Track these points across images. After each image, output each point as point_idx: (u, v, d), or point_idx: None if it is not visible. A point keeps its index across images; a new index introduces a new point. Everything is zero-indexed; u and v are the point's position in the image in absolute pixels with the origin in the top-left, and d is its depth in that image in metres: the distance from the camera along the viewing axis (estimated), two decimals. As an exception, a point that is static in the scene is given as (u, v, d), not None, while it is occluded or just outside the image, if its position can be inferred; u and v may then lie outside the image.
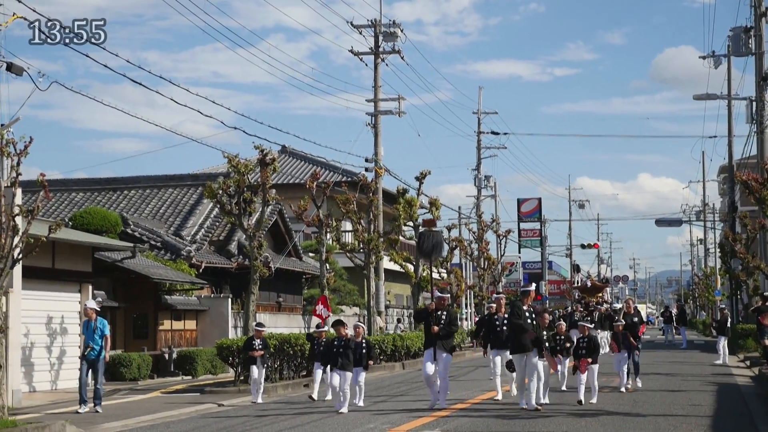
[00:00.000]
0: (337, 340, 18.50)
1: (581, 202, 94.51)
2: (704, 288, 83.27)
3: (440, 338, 18.07)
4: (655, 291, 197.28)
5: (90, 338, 19.62)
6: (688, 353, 39.85)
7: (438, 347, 18.08)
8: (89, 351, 19.51)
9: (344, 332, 18.55)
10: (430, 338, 18.24)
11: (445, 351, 18.16)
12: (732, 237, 41.98)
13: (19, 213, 17.39)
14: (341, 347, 18.31)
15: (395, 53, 40.32)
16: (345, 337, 18.46)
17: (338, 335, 18.60)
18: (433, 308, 18.42)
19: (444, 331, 18.12)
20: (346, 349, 18.25)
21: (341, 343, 18.38)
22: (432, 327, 18.11)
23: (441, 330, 18.05)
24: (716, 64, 44.88)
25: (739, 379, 25.61)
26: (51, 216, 34.58)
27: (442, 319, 18.20)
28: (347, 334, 18.59)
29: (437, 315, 18.26)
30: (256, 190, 27.27)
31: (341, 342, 18.40)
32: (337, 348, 18.36)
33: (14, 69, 19.34)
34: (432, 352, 18.12)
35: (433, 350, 18.11)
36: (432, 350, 18.13)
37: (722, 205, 72.89)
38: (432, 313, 18.38)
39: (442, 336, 18.10)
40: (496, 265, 57.53)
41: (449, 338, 18.33)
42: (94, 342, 19.49)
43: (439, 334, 18.07)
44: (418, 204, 39.45)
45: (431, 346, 18.19)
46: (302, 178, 50.22)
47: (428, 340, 18.37)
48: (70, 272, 26.01)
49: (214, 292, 36.65)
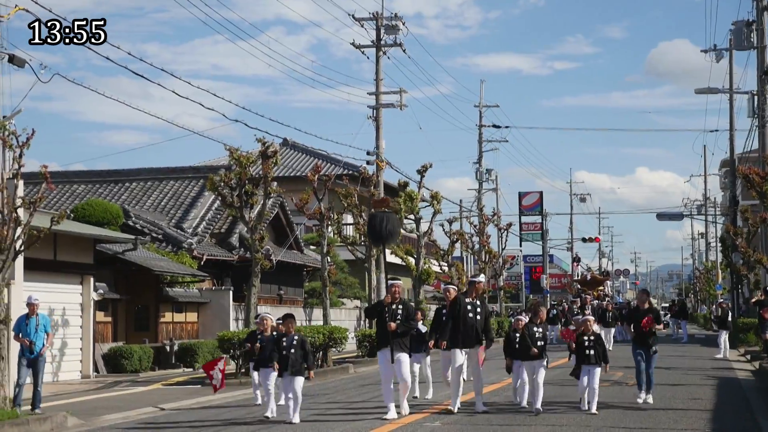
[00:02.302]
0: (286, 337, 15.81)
1: (582, 195, 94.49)
2: (705, 282, 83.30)
3: (397, 336, 15.68)
4: (656, 285, 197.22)
5: (31, 335, 17.77)
6: (688, 347, 39.86)
7: (395, 347, 15.65)
8: (28, 349, 17.77)
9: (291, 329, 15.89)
10: (385, 336, 15.76)
11: (403, 351, 15.77)
12: (733, 231, 41.94)
13: (22, 205, 17.40)
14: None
15: (397, 46, 40.25)
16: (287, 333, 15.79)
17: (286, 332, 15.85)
18: (389, 301, 15.90)
19: (402, 328, 15.73)
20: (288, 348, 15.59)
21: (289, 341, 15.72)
22: (388, 324, 15.65)
23: (399, 327, 15.65)
24: (718, 58, 44.87)
25: (739, 374, 25.63)
26: (53, 208, 34.59)
27: (398, 314, 15.76)
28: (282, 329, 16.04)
29: (392, 309, 15.79)
30: (257, 182, 27.30)
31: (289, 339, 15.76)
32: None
33: (16, 61, 19.34)
34: (388, 353, 15.70)
35: (390, 351, 15.68)
36: (388, 350, 15.71)
37: (723, 199, 72.86)
38: (386, 307, 15.91)
39: (400, 334, 15.72)
40: (497, 259, 57.53)
41: (407, 336, 15.98)
42: (36, 339, 17.77)
43: (396, 332, 15.66)
44: (419, 197, 39.45)
45: (386, 346, 15.76)
46: (303, 171, 50.19)
47: (382, 338, 15.89)
48: (72, 264, 26.05)
49: (215, 284, 36.69)
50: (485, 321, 16.49)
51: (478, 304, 16.45)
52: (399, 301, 15.97)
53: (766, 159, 32.20)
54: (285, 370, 15.40)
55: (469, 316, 16.24)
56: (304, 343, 15.65)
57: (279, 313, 39.25)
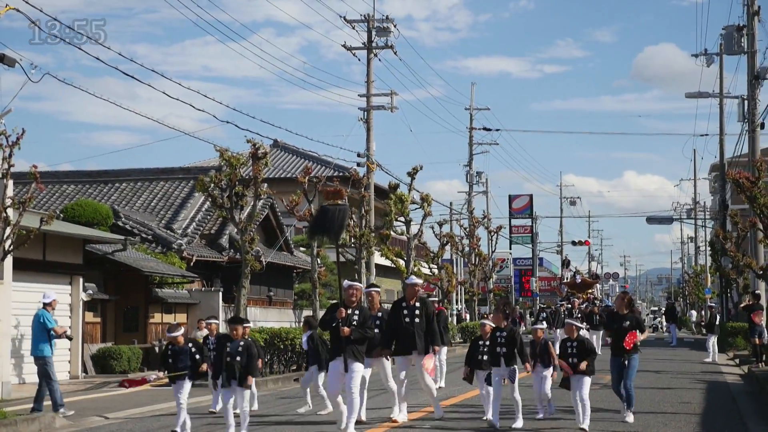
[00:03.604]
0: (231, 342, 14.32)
1: (572, 199, 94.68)
2: (694, 286, 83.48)
3: (351, 343, 13.95)
4: (645, 288, 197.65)
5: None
6: (677, 351, 39.93)
7: (348, 356, 13.91)
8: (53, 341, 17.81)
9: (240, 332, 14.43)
10: (338, 344, 14.03)
11: (358, 360, 14.02)
12: (723, 235, 42.04)
13: (11, 205, 17.35)
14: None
15: (388, 48, 40.29)
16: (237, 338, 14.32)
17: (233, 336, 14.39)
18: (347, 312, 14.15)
19: (357, 334, 13.98)
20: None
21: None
22: (342, 329, 13.88)
23: (353, 332, 13.92)
24: (708, 62, 44.97)
25: (728, 377, 25.69)
26: (42, 208, 34.50)
27: (354, 320, 14.08)
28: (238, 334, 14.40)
29: (347, 314, 14.09)
30: (247, 183, 27.27)
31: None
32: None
33: (6, 60, 19.26)
34: (341, 364, 13.99)
35: (344, 360, 13.94)
36: (342, 360, 13.98)
37: (713, 203, 73.03)
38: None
39: (355, 340, 13.99)
40: (487, 261, 57.61)
41: (363, 343, 14.21)
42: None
43: (350, 338, 13.92)
44: (409, 200, 39.47)
45: (340, 354, 14.01)
46: (294, 173, 50.18)
47: (336, 346, 14.16)
48: (61, 264, 25.98)
49: (204, 285, 36.62)
50: (428, 324, 15.37)
51: (417, 306, 15.45)
52: (356, 306, 14.32)
53: (755, 163, 32.21)
54: (229, 380, 13.99)
55: (405, 321, 15.32)
56: (251, 348, 14.22)
57: (269, 314, 39.47)
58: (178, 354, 14.88)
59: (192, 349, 14.99)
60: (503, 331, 14.89)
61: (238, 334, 14.19)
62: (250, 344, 14.26)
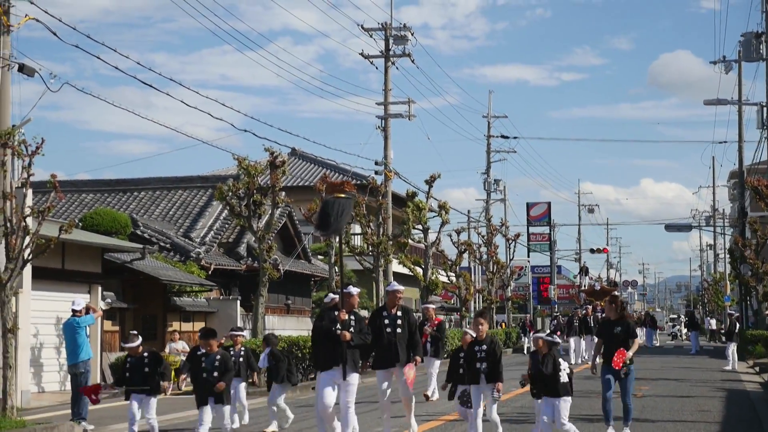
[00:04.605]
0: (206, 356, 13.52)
1: (591, 206, 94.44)
2: (714, 293, 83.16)
3: (350, 350, 12.88)
4: (665, 296, 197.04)
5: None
6: (696, 359, 39.76)
7: (348, 366, 12.82)
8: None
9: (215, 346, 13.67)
10: (334, 352, 12.80)
11: (355, 371, 13.00)
12: (742, 243, 41.88)
13: (30, 214, 17.42)
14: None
15: (405, 56, 40.30)
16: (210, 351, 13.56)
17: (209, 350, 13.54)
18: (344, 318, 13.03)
19: (358, 340, 12.95)
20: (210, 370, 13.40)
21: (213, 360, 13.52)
22: (342, 333, 12.73)
23: (354, 338, 12.86)
24: (727, 69, 44.84)
25: (748, 386, 25.55)
26: (61, 217, 34.64)
27: (351, 325, 12.98)
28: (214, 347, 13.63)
29: (346, 320, 12.99)
30: (265, 192, 27.32)
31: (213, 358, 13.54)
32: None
33: (26, 70, 19.36)
34: (337, 374, 12.84)
35: (343, 369, 12.80)
36: (340, 370, 12.81)
37: (732, 211, 72.75)
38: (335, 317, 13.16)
39: (354, 347, 12.94)
40: (505, 269, 57.49)
41: (358, 353, 13.15)
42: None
43: (350, 343, 12.80)
44: (427, 208, 39.46)
45: (337, 364, 12.81)
46: (311, 181, 50.23)
47: (331, 355, 12.86)
48: (80, 273, 26.07)
49: (222, 294, 36.68)
50: (410, 335, 14.14)
51: (398, 315, 14.14)
52: (351, 313, 13.23)
53: (775, 170, 32.14)
54: (206, 397, 13.26)
55: (387, 331, 13.98)
56: (227, 361, 13.49)
57: (287, 323, 39.46)
58: (135, 367, 14.30)
59: (145, 361, 14.24)
60: (482, 344, 13.07)
61: (213, 348, 13.45)
62: (226, 358, 13.56)
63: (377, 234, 35.40)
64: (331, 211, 13.11)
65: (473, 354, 13.10)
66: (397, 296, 14.28)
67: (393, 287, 14.44)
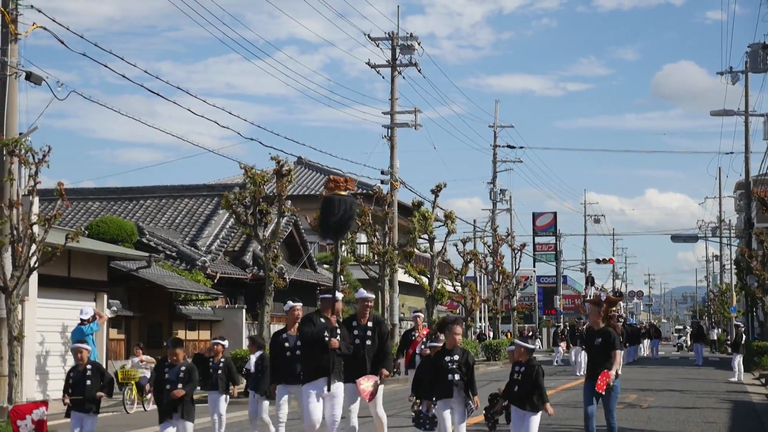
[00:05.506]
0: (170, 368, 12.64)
1: (597, 216, 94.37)
2: (719, 304, 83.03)
3: (337, 359, 12.25)
4: (671, 307, 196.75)
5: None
6: (702, 370, 39.67)
7: (335, 376, 12.20)
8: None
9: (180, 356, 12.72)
10: (319, 362, 12.16)
11: (341, 381, 12.38)
12: (748, 254, 41.81)
13: (37, 221, 17.45)
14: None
15: (412, 66, 40.35)
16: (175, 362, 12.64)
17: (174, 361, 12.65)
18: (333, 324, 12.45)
19: (345, 349, 12.37)
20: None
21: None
22: (330, 341, 12.03)
23: (342, 347, 12.23)
24: (734, 80, 44.81)
25: (754, 397, 25.49)
26: (67, 225, 34.67)
27: (337, 333, 12.33)
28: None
29: (332, 329, 12.30)
30: (271, 201, 27.33)
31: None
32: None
33: (33, 78, 19.38)
34: (324, 384, 12.13)
35: (328, 381, 12.11)
36: (326, 381, 12.12)
37: (738, 222, 72.63)
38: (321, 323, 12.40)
39: (339, 354, 12.26)
40: (510, 279, 57.45)
41: (342, 361, 12.44)
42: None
43: (337, 353, 12.15)
44: (433, 217, 39.47)
45: (324, 375, 12.13)
46: (318, 190, 50.22)
47: (315, 364, 12.22)
48: (86, 281, 26.08)
49: (228, 302, 36.67)
50: (381, 346, 13.17)
51: (369, 327, 13.22)
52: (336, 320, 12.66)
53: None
54: (170, 412, 12.36)
55: (356, 342, 12.99)
56: (192, 372, 12.60)
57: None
58: (79, 379, 13.48)
59: (87, 373, 13.36)
60: (453, 354, 12.14)
61: (179, 358, 12.54)
62: (191, 369, 12.64)
63: (383, 243, 35.40)
64: (336, 211, 12.46)
65: (443, 365, 12.08)
66: (366, 305, 13.37)
67: (362, 294, 13.55)
